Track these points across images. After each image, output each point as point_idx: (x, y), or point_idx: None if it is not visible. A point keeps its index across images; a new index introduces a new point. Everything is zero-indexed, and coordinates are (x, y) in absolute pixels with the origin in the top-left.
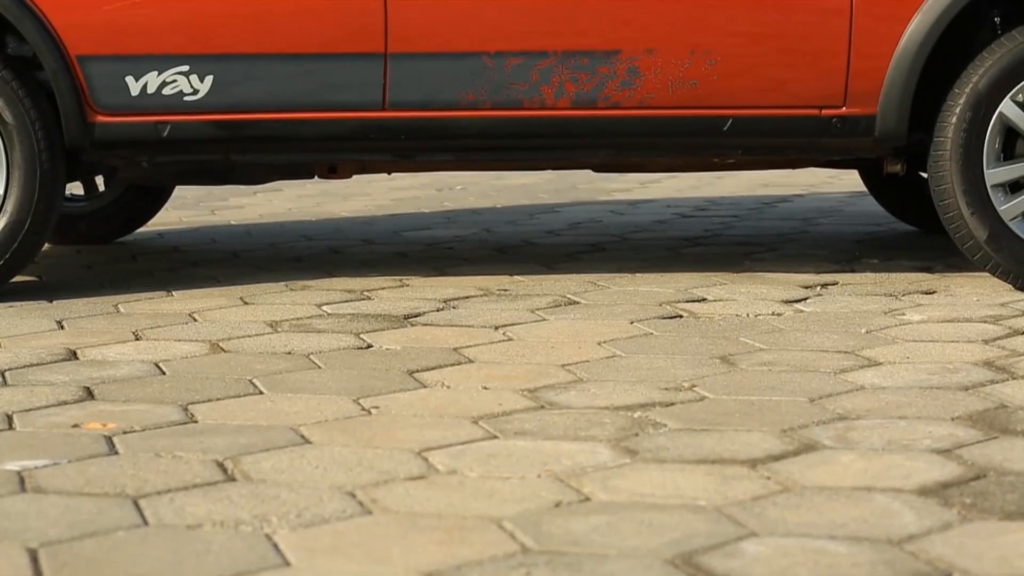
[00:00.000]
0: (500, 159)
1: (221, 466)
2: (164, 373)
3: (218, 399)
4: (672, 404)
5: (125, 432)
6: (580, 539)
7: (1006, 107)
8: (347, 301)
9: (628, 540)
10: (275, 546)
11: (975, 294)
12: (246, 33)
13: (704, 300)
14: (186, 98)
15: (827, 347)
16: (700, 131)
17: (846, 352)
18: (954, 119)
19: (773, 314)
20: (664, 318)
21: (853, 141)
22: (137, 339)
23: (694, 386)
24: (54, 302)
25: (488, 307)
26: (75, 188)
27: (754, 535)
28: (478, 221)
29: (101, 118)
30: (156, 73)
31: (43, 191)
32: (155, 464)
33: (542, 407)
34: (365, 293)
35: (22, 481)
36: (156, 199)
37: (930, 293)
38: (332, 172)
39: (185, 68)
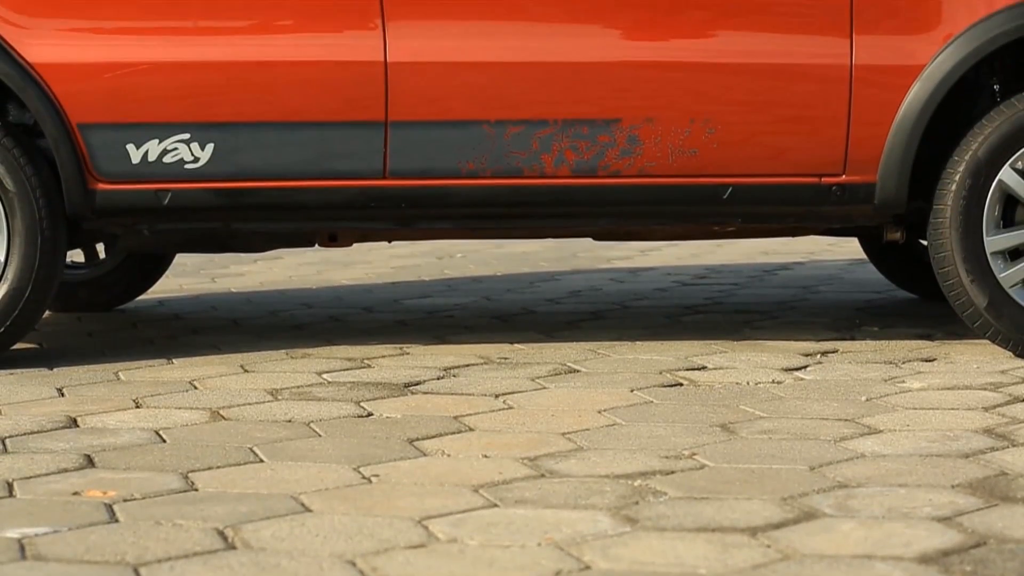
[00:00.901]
0: (500, 227)
1: (222, 534)
2: (164, 441)
3: (218, 467)
4: (672, 472)
5: (125, 500)
6: None
7: (1005, 174)
8: (347, 369)
9: None
10: None
11: (975, 361)
12: (247, 101)
13: (704, 368)
14: (187, 166)
15: (827, 415)
16: (700, 199)
17: (846, 420)
18: (953, 186)
19: (773, 382)
20: (664, 386)
21: (853, 209)
22: (138, 407)
23: (694, 454)
24: (54, 369)
25: (488, 375)
26: (76, 255)
27: None
28: (478, 289)
29: (102, 186)
30: (157, 141)
31: (44, 258)
32: (156, 532)
33: (542, 475)
34: (365, 361)
35: (22, 549)
36: (157, 267)
37: (930, 360)
38: (332, 240)
39: (186, 136)
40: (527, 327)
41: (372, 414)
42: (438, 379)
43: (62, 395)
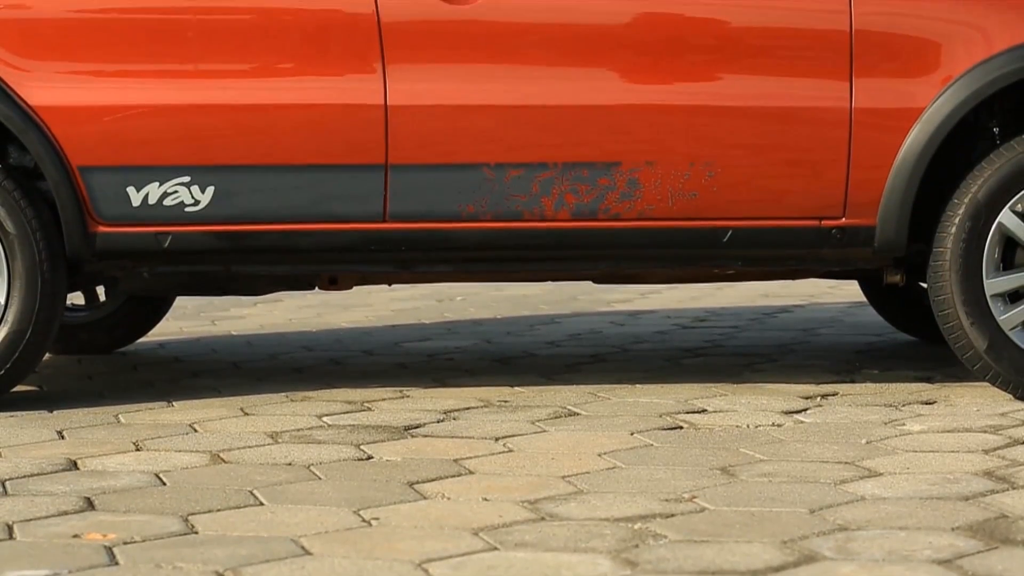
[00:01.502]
0: (500, 270)
1: None
2: (164, 484)
3: (218, 510)
4: (672, 515)
5: (126, 543)
6: None
7: (1005, 217)
8: (347, 412)
9: None
10: None
11: (975, 404)
12: (247, 144)
13: (704, 411)
14: (187, 209)
15: (827, 458)
16: (700, 242)
17: (846, 463)
18: (953, 229)
19: (773, 425)
20: (664, 429)
21: (853, 252)
22: (138, 449)
23: (694, 497)
24: (55, 412)
25: (488, 418)
26: (76, 298)
27: None
28: (478, 332)
29: (102, 228)
30: (157, 184)
31: (44, 301)
32: (156, 575)
33: (542, 519)
34: (366, 404)
35: None
36: (157, 309)
37: (930, 403)
38: (333, 283)
39: (186, 179)
40: (527, 370)
41: (372, 457)
42: (438, 422)
43: (62, 437)
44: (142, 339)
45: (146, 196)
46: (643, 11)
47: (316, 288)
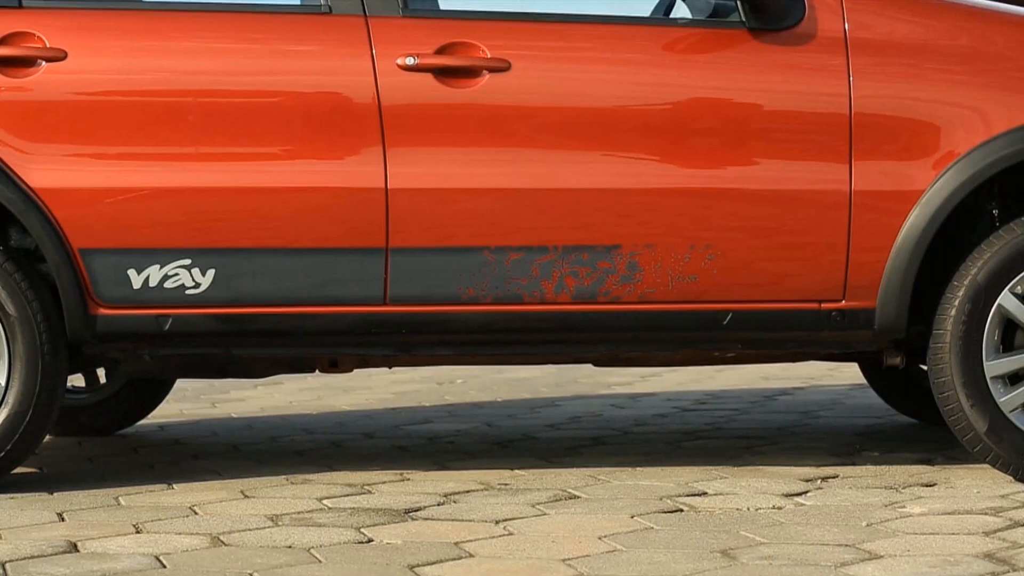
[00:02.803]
0: (501, 353)
1: None
2: (165, 566)
3: None
4: None
5: None
6: None
7: (1005, 299)
8: (348, 495)
9: None
10: None
11: (975, 486)
12: (247, 227)
13: (705, 494)
14: (188, 291)
15: (828, 540)
16: (700, 325)
17: (847, 545)
18: (953, 311)
19: (774, 507)
20: (665, 512)
21: (853, 334)
22: (138, 532)
23: None
24: (55, 493)
25: (489, 501)
26: (77, 380)
27: None
28: (479, 415)
29: (103, 311)
30: (158, 267)
31: (45, 383)
32: None
33: None
34: (366, 487)
35: None
36: (157, 391)
37: (930, 485)
38: (333, 366)
39: (187, 262)
40: (528, 453)
41: (372, 540)
42: (439, 505)
43: (62, 519)
44: (142, 421)
45: (147, 278)
46: (643, 95)
47: (316, 370)
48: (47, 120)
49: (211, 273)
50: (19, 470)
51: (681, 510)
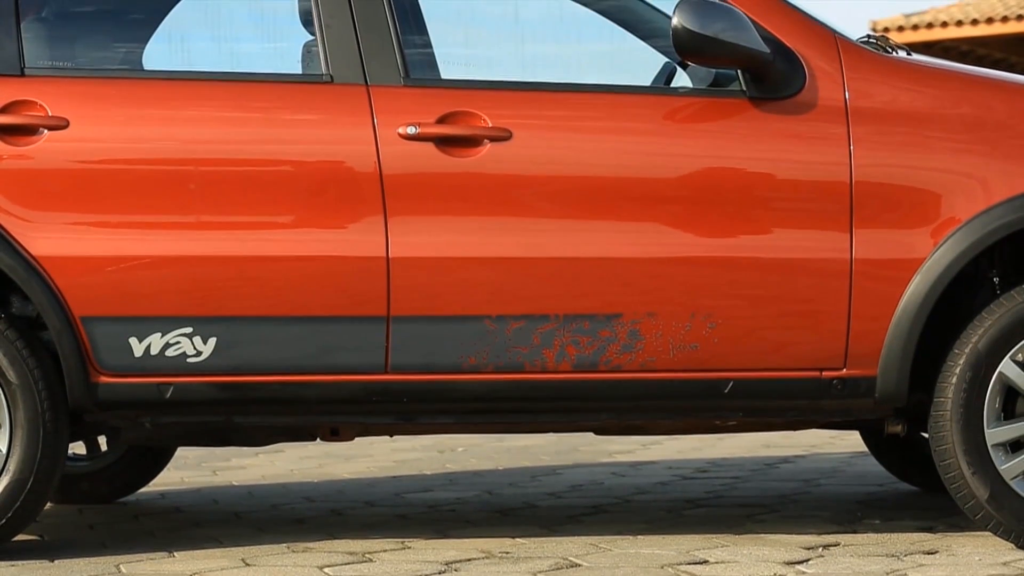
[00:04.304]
0: (502, 421)
1: None
2: None
3: None
4: None
5: None
6: None
7: (1006, 367)
8: (349, 563)
9: None
10: None
11: (977, 553)
12: (249, 295)
13: (706, 562)
14: (189, 360)
15: None
16: (701, 394)
17: None
18: (954, 379)
19: None
20: None
21: (854, 403)
22: None
23: None
24: (55, 561)
25: (490, 570)
26: (78, 447)
27: None
28: (480, 483)
29: (104, 379)
30: (160, 335)
31: (46, 450)
32: None
33: None
34: (367, 555)
35: None
36: (158, 459)
37: (932, 553)
38: (334, 434)
39: (188, 330)
40: (529, 521)
41: None
42: (440, 573)
43: None
44: (143, 489)
45: (148, 347)
46: (644, 164)
47: (318, 439)
48: (49, 188)
49: (213, 341)
50: (20, 538)
51: None
